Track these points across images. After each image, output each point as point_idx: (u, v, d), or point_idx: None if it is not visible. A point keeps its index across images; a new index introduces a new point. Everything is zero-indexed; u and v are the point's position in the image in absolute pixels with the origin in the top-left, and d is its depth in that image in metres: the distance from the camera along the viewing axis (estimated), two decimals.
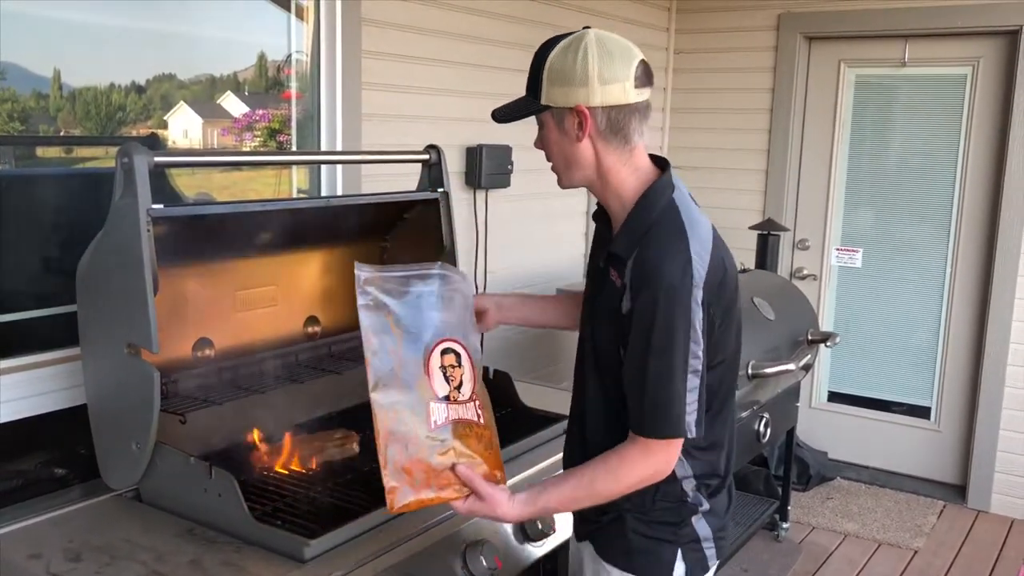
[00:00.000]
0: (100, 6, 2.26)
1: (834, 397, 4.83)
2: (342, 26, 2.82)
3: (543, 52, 1.57)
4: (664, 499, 1.59)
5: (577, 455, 1.65)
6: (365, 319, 1.53)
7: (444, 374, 1.54)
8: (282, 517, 1.71)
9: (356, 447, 2.00)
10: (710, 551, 1.63)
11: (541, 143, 1.65)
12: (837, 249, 4.70)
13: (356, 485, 1.88)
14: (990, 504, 4.32)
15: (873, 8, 4.33)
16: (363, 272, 1.55)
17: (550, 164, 1.67)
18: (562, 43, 1.55)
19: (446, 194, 2.33)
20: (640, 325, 1.47)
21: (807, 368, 3.58)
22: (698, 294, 1.46)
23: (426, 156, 2.32)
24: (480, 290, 3.54)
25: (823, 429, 4.79)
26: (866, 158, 4.62)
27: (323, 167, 2.90)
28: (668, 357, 1.46)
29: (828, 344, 3.66)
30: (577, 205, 4.26)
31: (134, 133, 2.43)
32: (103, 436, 1.82)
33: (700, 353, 1.47)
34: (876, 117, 4.59)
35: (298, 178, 2.93)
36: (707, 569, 1.64)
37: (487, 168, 3.43)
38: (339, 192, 2.89)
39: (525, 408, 2.33)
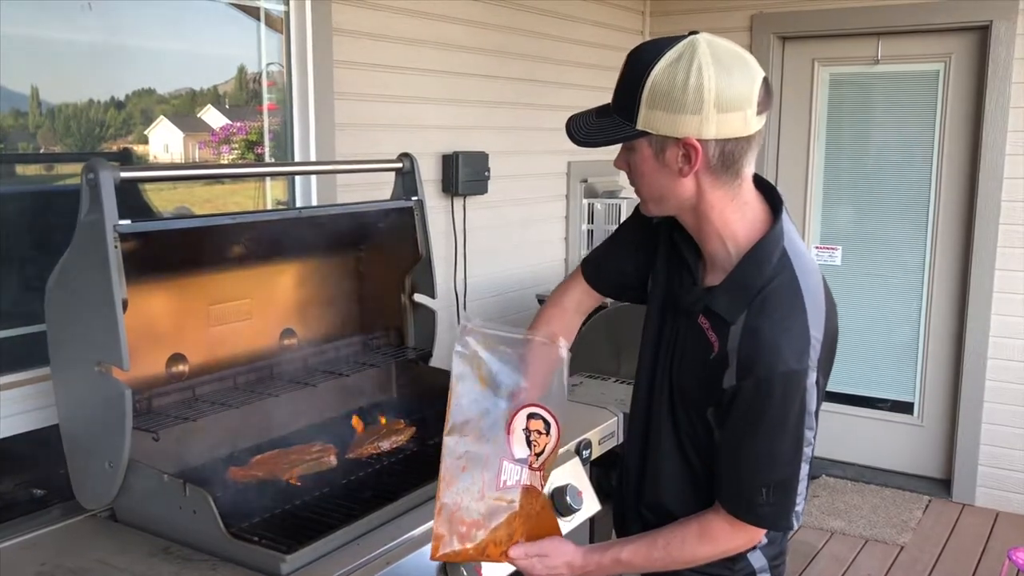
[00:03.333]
0: (77, 23, 2.24)
1: None
2: (313, 36, 2.81)
3: (642, 63, 1.29)
4: None
5: (631, 509, 1.61)
6: (456, 366, 1.45)
7: (528, 437, 1.46)
8: (259, 533, 1.69)
9: (334, 460, 1.98)
10: None
11: (626, 166, 1.40)
12: (816, 247, 4.72)
13: (334, 498, 1.86)
14: (975, 497, 4.34)
15: (845, 7, 4.36)
16: (467, 323, 1.47)
17: (633, 188, 1.44)
18: (669, 54, 1.27)
19: (420, 202, 2.32)
20: (748, 411, 1.32)
21: None
22: (813, 376, 1.31)
23: (399, 164, 2.31)
24: (460, 299, 3.53)
25: None
26: (843, 156, 4.64)
27: (298, 178, 2.89)
28: (781, 448, 1.33)
29: None
30: (556, 210, 4.26)
31: (114, 149, 2.42)
32: (76, 456, 1.80)
33: (812, 438, 1.34)
34: (851, 115, 4.61)
35: (275, 190, 2.92)
36: None
37: (463, 175, 3.43)
38: (314, 203, 2.88)
39: None
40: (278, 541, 1.64)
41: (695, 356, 1.42)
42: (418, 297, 2.42)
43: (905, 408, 4.63)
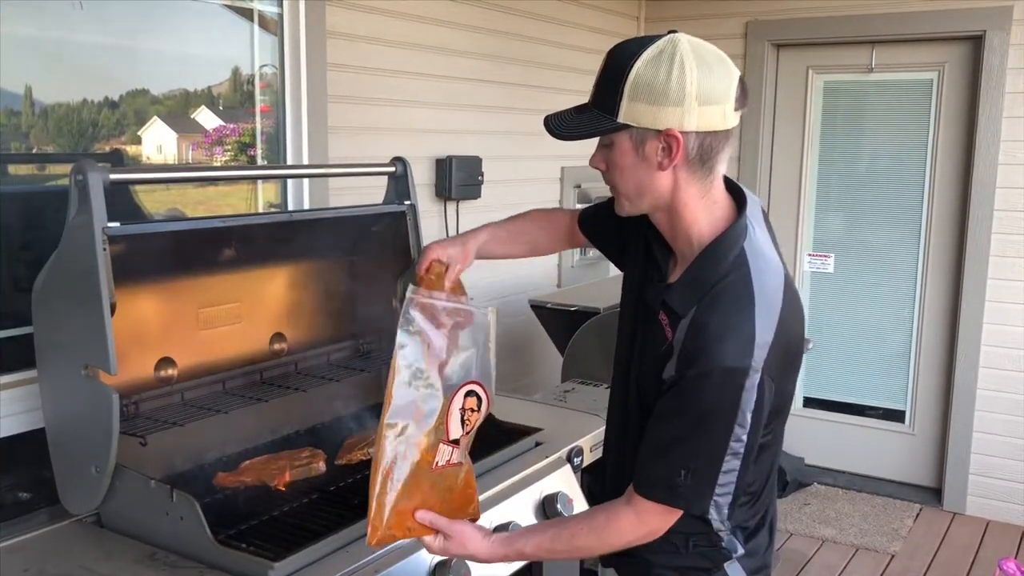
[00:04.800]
0: (72, 23, 2.23)
1: (809, 403, 4.84)
2: (306, 39, 2.80)
3: (624, 58, 1.32)
4: (698, 545, 1.48)
5: (610, 489, 1.60)
6: (403, 343, 1.43)
7: (462, 417, 1.47)
8: (246, 539, 1.67)
9: (323, 466, 1.96)
10: None
11: (604, 163, 1.41)
12: (809, 255, 4.72)
13: (322, 505, 1.85)
14: (966, 506, 4.34)
15: (839, 15, 4.37)
16: (413, 295, 1.46)
17: (610, 186, 1.44)
18: (651, 49, 1.30)
19: (412, 206, 2.31)
20: (679, 401, 1.32)
21: None
22: (755, 378, 1.29)
23: (392, 168, 2.30)
24: None
25: (799, 435, 4.79)
26: (836, 164, 4.65)
27: (290, 181, 2.87)
28: (704, 438, 1.32)
29: None
30: None
31: (107, 149, 2.40)
32: (62, 460, 1.78)
33: (744, 436, 1.32)
34: (845, 123, 4.62)
35: (268, 192, 2.90)
36: None
37: (457, 179, 3.41)
38: (306, 205, 2.86)
39: (496, 421, 2.30)
40: (266, 548, 1.62)
41: (653, 352, 1.42)
42: None
43: (896, 416, 4.63)
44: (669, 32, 1.35)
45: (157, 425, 1.86)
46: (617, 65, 1.33)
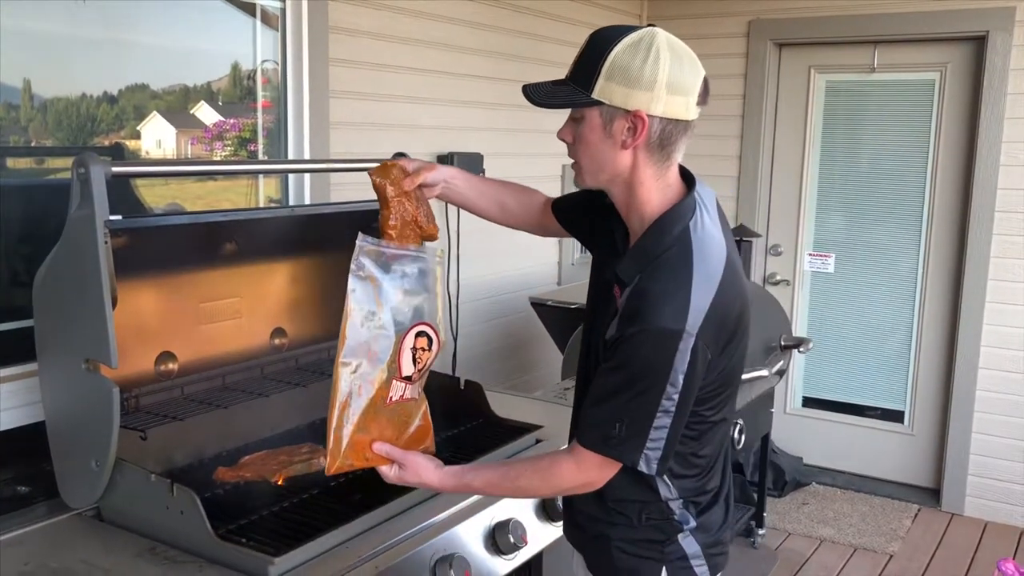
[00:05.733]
0: (72, 17, 2.22)
1: (808, 402, 4.84)
2: (308, 34, 2.79)
3: (605, 41, 1.43)
4: (650, 517, 1.55)
5: None
6: (354, 287, 1.51)
7: (413, 355, 1.56)
8: (246, 534, 1.67)
9: (323, 461, 1.95)
10: (700, 568, 1.57)
11: (571, 136, 1.52)
12: (809, 254, 4.72)
13: (323, 500, 1.85)
14: (964, 507, 4.34)
15: (842, 15, 4.36)
16: (363, 243, 1.53)
17: (572, 159, 1.55)
18: (630, 37, 1.41)
19: None
20: (619, 357, 1.40)
21: (781, 374, 3.58)
22: (689, 341, 1.37)
23: None
24: (453, 301, 3.51)
25: (798, 434, 4.80)
26: (837, 163, 4.64)
27: (291, 176, 2.87)
28: (639, 392, 1.40)
29: (801, 350, 3.66)
30: None
31: (106, 143, 2.40)
32: (62, 454, 1.78)
33: (676, 396, 1.39)
34: (846, 122, 4.61)
35: (268, 188, 2.90)
36: None
37: None
38: (307, 201, 2.86)
39: (497, 419, 2.30)
40: (266, 543, 1.62)
41: (606, 321, 1.48)
42: None
43: (896, 417, 4.63)
44: (649, 25, 1.46)
45: (157, 419, 1.85)
46: (598, 47, 1.44)
